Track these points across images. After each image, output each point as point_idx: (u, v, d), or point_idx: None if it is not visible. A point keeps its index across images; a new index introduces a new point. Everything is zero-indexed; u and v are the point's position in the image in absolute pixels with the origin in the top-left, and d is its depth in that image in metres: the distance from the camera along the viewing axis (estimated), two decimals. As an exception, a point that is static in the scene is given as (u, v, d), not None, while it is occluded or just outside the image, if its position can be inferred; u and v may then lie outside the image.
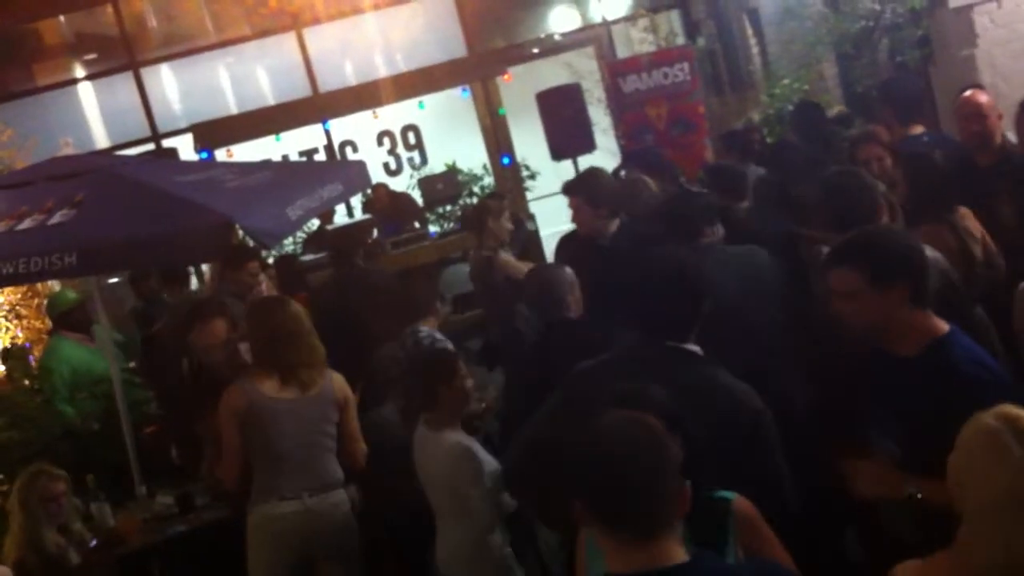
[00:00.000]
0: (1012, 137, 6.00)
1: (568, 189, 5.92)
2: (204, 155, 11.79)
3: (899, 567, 2.53)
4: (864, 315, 3.29)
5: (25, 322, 9.90)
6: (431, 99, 13.42)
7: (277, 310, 5.15)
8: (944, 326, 3.27)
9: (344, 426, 5.18)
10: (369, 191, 11.21)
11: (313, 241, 11.16)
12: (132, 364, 7.66)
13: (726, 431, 3.31)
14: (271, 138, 12.83)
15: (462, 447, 4.79)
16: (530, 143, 12.08)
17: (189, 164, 9.14)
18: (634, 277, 3.82)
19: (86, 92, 13.98)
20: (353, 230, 10.00)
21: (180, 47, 13.88)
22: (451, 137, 13.74)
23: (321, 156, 13.58)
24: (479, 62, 13.30)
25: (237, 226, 5.42)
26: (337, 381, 5.19)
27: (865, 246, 3.35)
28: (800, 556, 3.10)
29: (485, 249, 7.19)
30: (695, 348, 3.63)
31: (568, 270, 5.02)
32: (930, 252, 3.95)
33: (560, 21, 14.52)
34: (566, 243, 6.29)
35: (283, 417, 4.99)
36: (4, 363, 8.08)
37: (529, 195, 12.98)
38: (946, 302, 3.60)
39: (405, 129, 14.18)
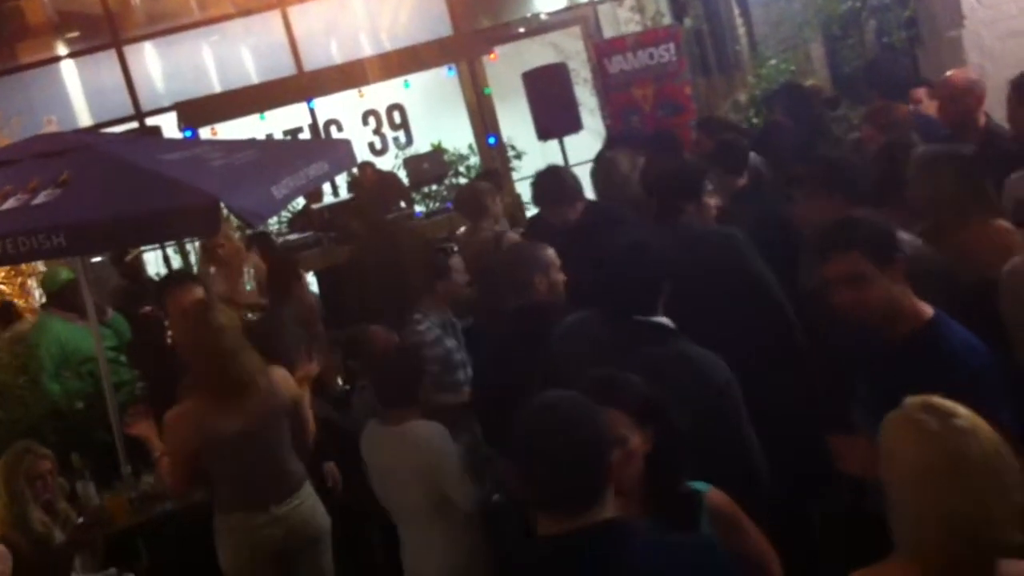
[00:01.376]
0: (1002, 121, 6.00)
1: (556, 199, 5.96)
2: (188, 134, 11.72)
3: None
4: (872, 297, 3.28)
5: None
6: (417, 78, 13.36)
7: (202, 329, 4.89)
8: (928, 308, 3.28)
9: (294, 424, 5.09)
10: (355, 170, 11.17)
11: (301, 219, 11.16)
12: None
13: (693, 401, 3.34)
14: (255, 117, 12.75)
15: (439, 428, 4.62)
16: (516, 123, 12.07)
17: (174, 142, 9.09)
18: (599, 256, 3.88)
19: (69, 70, 13.88)
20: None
21: (164, 25, 13.77)
22: (437, 116, 13.71)
23: (306, 135, 13.53)
24: (465, 41, 13.26)
25: (223, 205, 5.39)
26: (281, 382, 5.06)
27: (857, 226, 3.35)
28: (770, 527, 3.13)
29: (487, 231, 7.17)
30: (663, 320, 3.67)
31: (548, 251, 4.82)
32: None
33: (546, 1, 14.47)
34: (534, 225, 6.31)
35: (236, 444, 4.88)
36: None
37: (515, 175, 12.97)
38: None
39: (390, 108, 14.12)
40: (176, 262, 12.22)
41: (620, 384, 3.00)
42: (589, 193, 6.52)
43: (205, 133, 11.94)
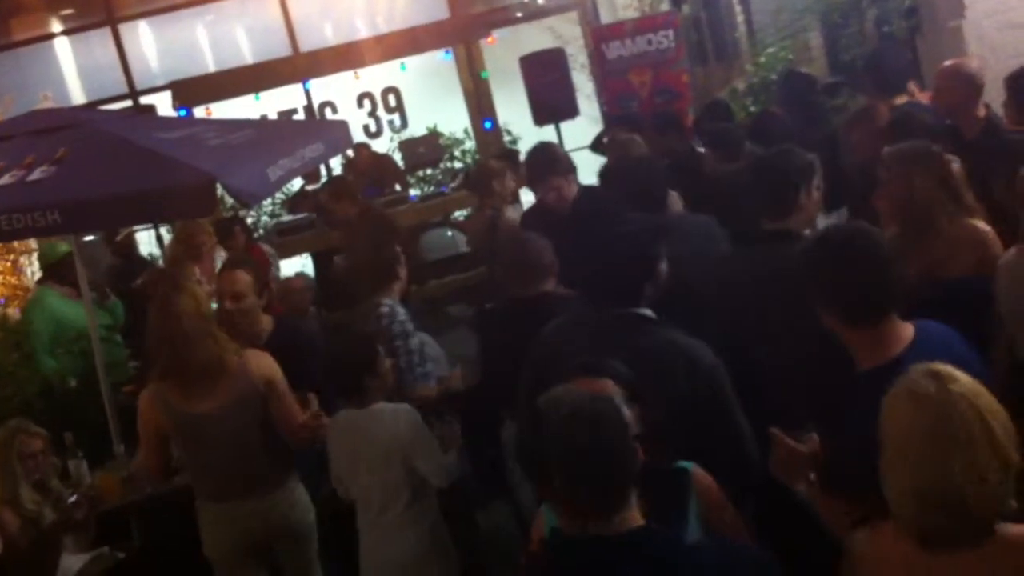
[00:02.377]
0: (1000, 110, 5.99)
1: (550, 170, 5.94)
2: (182, 113, 11.67)
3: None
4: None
5: (0, 278, 9.80)
6: (413, 61, 13.32)
7: (163, 315, 4.74)
8: (903, 342, 3.08)
9: (274, 408, 4.85)
10: (351, 152, 11.14)
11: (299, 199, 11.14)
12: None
13: (682, 389, 3.39)
14: (250, 97, 12.70)
15: (404, 408, 4.61)
16: (513, 107, 12.04)
17: (171, 120, 9.06)
18: (585, 247, 3.92)
19: (63, 48, 13.81)
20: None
21: (159, 3, 13.70)
22: (433, 100, 13.65)
23: (300, 116, 13.49)
24: (462, 24, 13.20)
25: (219, 184, 5.36)
26: (254, 364, 4.84)
27: None
28: (765, 512, 3.13)
29: (488, 209, 7.21)
30: (647, 312, 3.68)
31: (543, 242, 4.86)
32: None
33: (544, -15, 14.42)
34: (533, 216, 6.28)
35: (205, 432, 4.77)
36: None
37: (513, 159, 12.93)
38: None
39: (386, 91, 14.07)
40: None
41: (606, 365, 3.06)
42: (583, 178, 6.51)
43: (199, 113, 11.89)
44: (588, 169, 8.33)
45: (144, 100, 13.04)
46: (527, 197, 7.74)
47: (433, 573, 4.63)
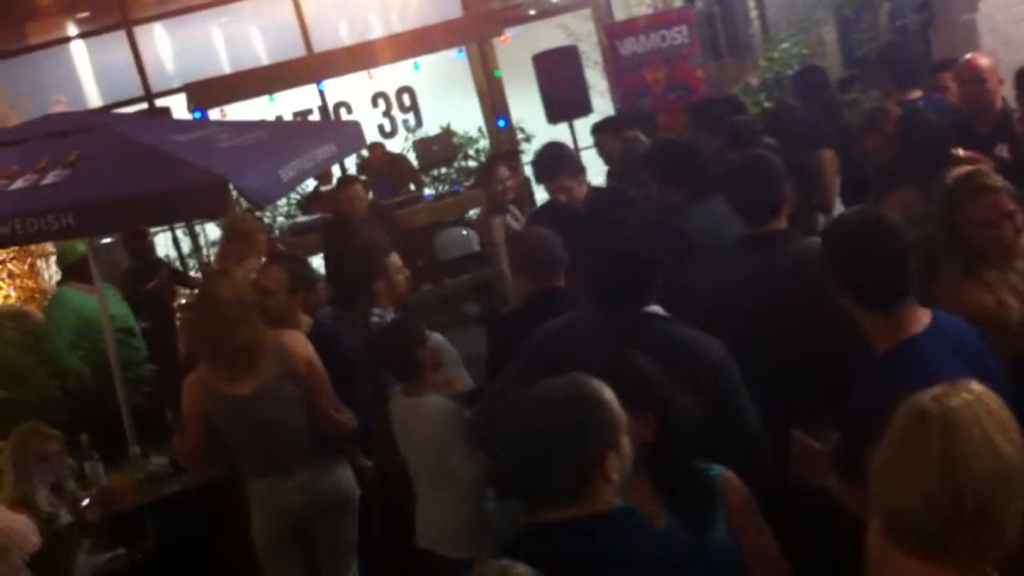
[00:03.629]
0: (1012, 103, 5.97)
1: (559, 170, 5.93)
2: (197, 115, 11.69)
3: None
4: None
5: (18, 281, 9.86)
6: (426, 60, 13.31)
7: (204, 301, 5.06)
8: (918, 326, 3.13)
9: (313, 394, 5.01)
10: (365, 152, 11.13)
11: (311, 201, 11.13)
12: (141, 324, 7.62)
13: (693, 384, 3.34)
14: (265, 98, 12.70)
15: (449, 405, 4.72)
16: (526, 105, 12.01)
17: (184, 123, 9.06)
18: (592, 247, 3.92)
19: (79, 51, 13.84)
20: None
21: (174, 6, 13.72)
22: (446, 99, 13.65)
23: (315, 117, 13.46)
24: (475, 23, 13.18)
25: (231, 186, 5.38)
26: (291, 348, 4.99)
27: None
28: (769, 512, 3.12)
29: (487, 207, 7.22)
30: (655, 309, 3.67)
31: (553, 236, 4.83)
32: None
33: (557, -17, 14.40)
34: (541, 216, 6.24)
35: (244, 413, 4.95)
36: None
37: (525, 158, 12.91)
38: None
39: (400, 91, 14.08)
40: (186, 244, 12.24)
41: (611, 370, 2.94)
42: (593, 176, 6.52)
43: (214, 114, 11.90)
44: (602, 167, 8.35)
45: (159, 102, 13.04)
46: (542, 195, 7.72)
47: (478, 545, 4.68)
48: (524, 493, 2.67)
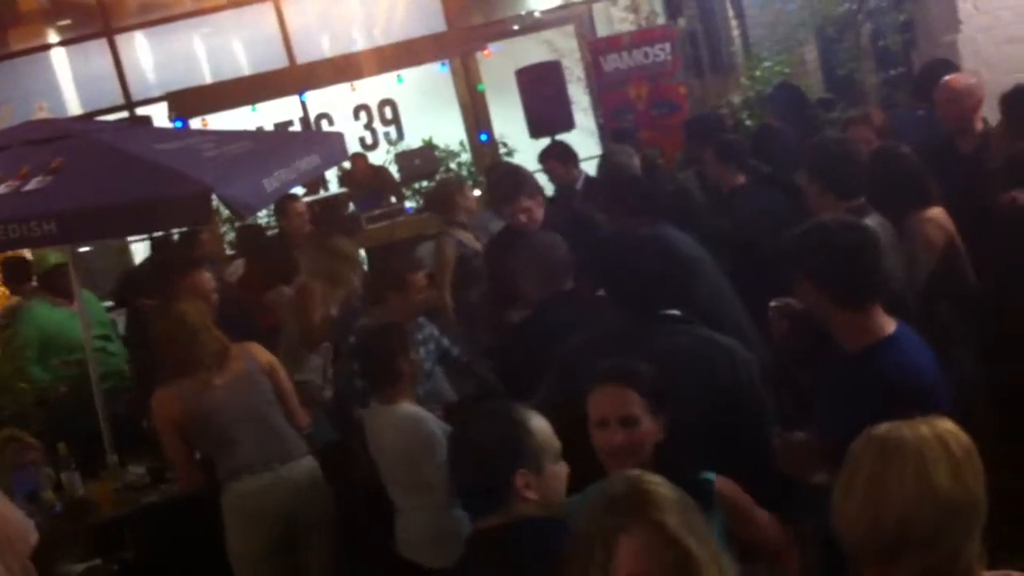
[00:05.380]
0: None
1: (516, 192, 5.96)
2: (179, 124, 11.66)
3: None
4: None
5: (-2, 289, 9.77)
6: (409, 73, 13.33)
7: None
8: (890, 327, 3.31)
9: (278, 390, 5.23)
10: (347, 163, 11.12)
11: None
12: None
13: (717, 386, 3.44)
14: (247, 108, 12.71)
15: (416, 415, 4.75)
16: (509, 120, 12.05)
17: (168, 131, 9.05)
18: (609, 251, 3.97)
19: (60, 58, 13.81)
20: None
21: (156, 15, 13.69)
22: (429, 112, 13.67)
23: (297, 128, 13.46)
24: (459, 37, 13.21)
25: (214, 195, 5.37)
26: (254, 351, 5.27)
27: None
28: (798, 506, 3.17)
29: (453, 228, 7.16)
30: (674, 312, 3.70)
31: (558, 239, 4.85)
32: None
33: (541, -2, 14.46)
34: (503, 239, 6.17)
35: (221, 404, 5.05)
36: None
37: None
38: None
39: (382, 103, 14.09)
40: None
41: (634, 369, 3.13)
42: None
43: (196, 124, 11.86)
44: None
45: (140, 111, 13.04)
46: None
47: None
48: (462, 501, 2.93)
